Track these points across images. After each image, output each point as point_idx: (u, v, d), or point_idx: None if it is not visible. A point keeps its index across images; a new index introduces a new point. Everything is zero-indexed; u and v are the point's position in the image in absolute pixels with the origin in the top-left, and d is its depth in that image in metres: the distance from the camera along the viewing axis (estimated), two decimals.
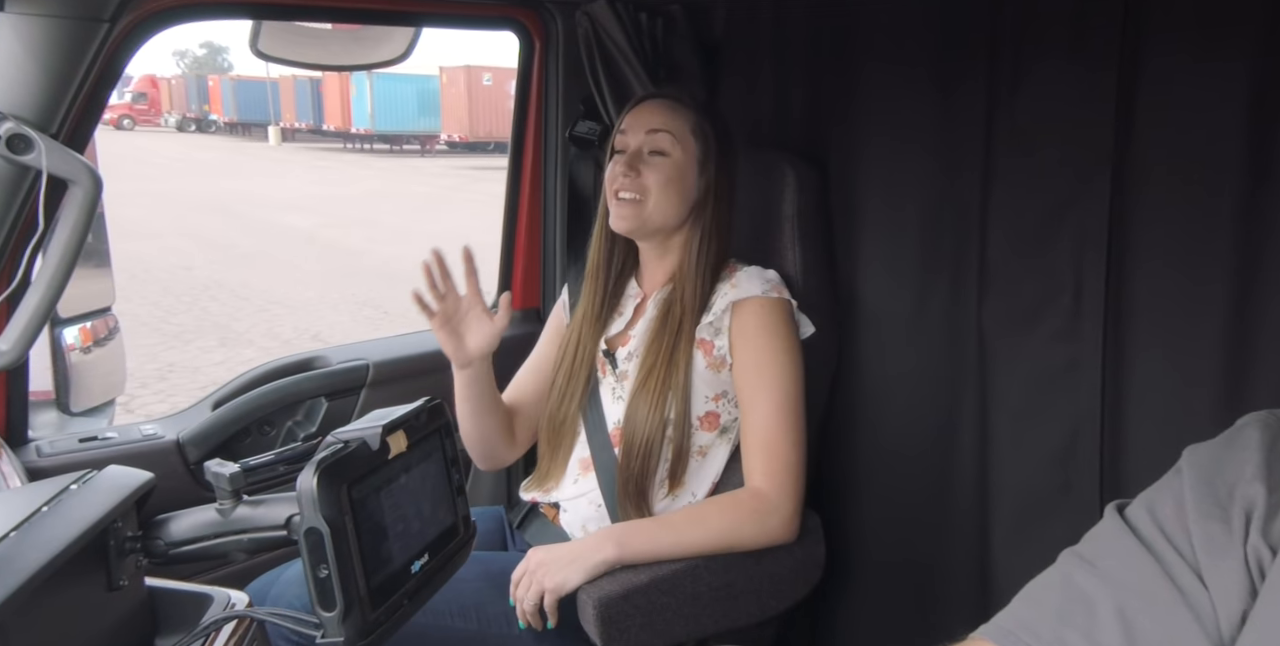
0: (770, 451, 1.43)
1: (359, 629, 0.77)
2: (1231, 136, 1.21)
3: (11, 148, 1.22)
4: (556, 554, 1.37)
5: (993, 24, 1.45)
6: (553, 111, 2.01)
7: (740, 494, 1.43)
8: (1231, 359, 1.24)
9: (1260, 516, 0.54)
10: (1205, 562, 0.55)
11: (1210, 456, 0.60)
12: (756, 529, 1.42)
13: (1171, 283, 1.30)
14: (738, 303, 1.46)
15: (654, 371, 1.47)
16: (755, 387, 1.45)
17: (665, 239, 1.53)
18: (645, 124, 1.49)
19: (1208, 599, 0.54)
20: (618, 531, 1.40)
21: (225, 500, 0.87)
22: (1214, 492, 0.57)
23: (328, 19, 1.82)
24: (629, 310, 1.59)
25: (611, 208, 1.50)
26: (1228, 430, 0.61)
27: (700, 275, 1.49)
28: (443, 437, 0.95)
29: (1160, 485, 0.60)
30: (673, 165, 1.48)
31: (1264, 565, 0.53)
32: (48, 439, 1.64)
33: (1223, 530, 0.55)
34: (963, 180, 1.52)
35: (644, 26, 1.92)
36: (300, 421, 1.90)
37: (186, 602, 0.93)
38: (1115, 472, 1.39)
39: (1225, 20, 1.20)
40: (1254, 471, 0.56)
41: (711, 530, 1.41)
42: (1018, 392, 1.49)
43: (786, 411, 1.45)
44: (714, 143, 1.51)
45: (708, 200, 1.50)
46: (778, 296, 1.47)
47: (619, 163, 1.49)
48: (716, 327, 1.47)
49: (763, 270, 1.51)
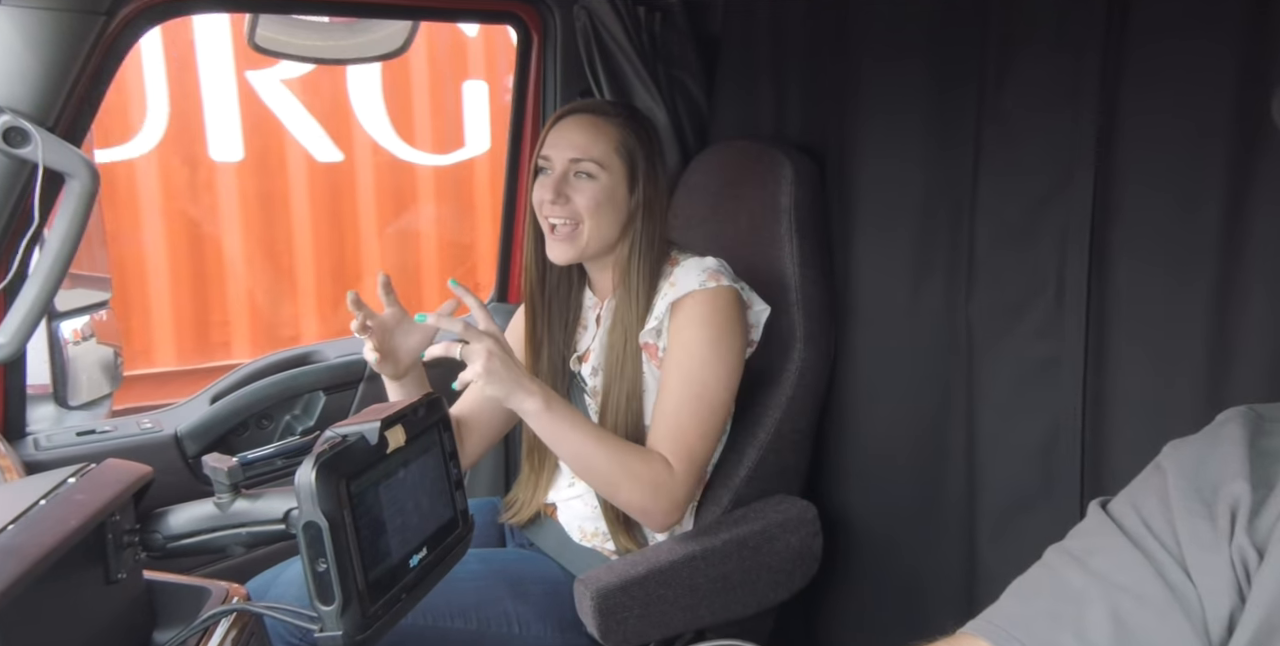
0: (678, 438, 1.39)
1: (357, 623, 0.77)
2: (1215, 134, 1.21)
3: (8, 141, 1.22)
4: (511, 370, 1.28)
5: (982, 19, 1.45)
6: (550, 105, 2.01)
7: (656, 458, 1.38)
8: (1212, 355, 1.25)
9: (1246, 513, 0.54)
10: (1192, 560, 0.55)
11: (1193, 453, 0.60)
12: (643, 496, 1.37)
13: (1153, 279, 1.30)
14: (675, 302, 1.42)
15: (612, 384, 1.45)
16: (674, 375, 1.41)
17: (604, 255, 1.48)
18: (567, 148, 1.42)
19: (1196, 596, 0.54)
20: (555, 403, 1.32)
21: (223, 494, 0.87)
22: (1199, 490, 0.57)
23: (325, 12, 1.82)
24: (591, 321, 1.56)
25: (547, 239, 1.45)
26: (1208, 426, 0.61)
27: (641, 282, 1.44)
28: (441, 432, 0.96)
29: (1142, 482, 0.60)
30: (601, 188, 1.42)
31: (1248, 563, 0.53)
32: (45, 432, 1.64)
33: (1209, 528, 0.55)
34: (952, 174, 1.52)
35: (642, 20, 1.91)
36: (299, 415, 1.90)
37: (185, 596, 0.94)
38: (1096, 468, 1.39)
39: (1209, 17, 1.20)
40: (1237, 468, 0.57)
41: (610, 468, 1.35)
42: (1001, 388, 1.50)
43: (702, 402, 1.41)
44: (641, 155, 1.45)
45: (638, 214, 1.45)
46: (715, 285, 1.42)
47: (545, 187, 1.43)
48: (658, 330, 1.44)
49: (700, 259, 1.46)
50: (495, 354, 1.26)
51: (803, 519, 1.55)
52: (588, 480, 1.41)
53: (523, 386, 1.29)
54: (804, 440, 1.65)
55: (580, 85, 1.96)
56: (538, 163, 1.46)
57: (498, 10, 1.96)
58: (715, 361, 1.41)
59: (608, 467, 1.35)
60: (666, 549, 1.43)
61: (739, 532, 1.48)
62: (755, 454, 1.55)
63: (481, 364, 1.25)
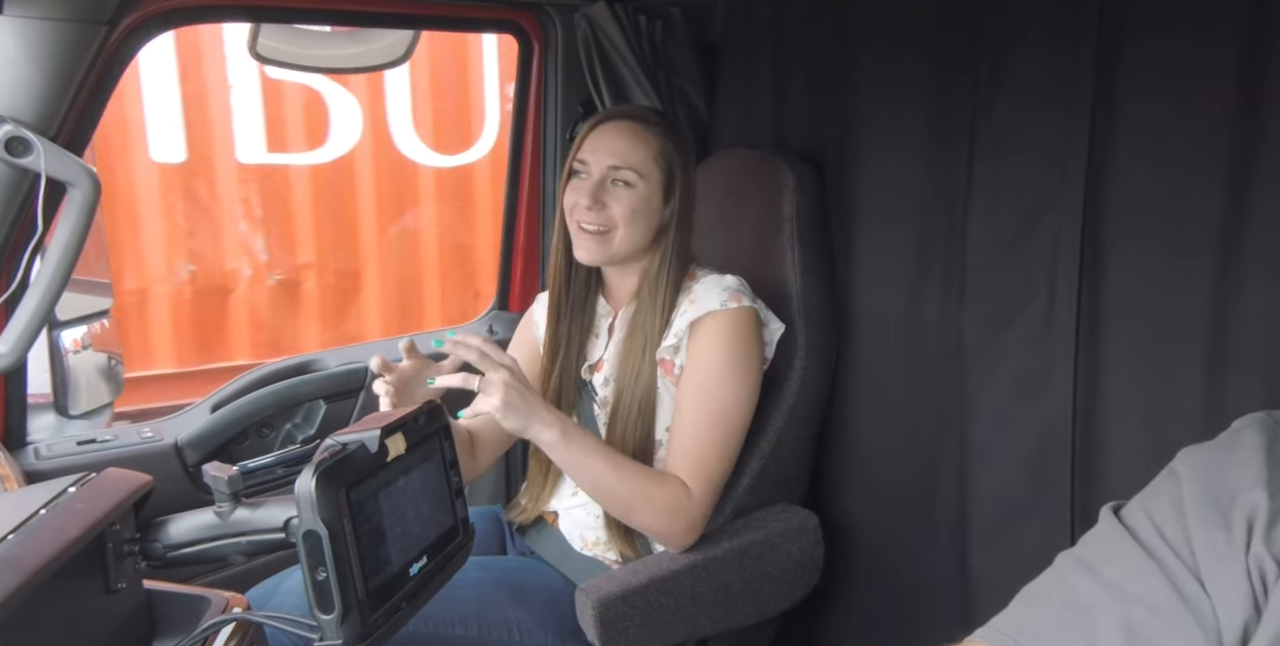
0: (695, 459, 1.39)
1: (357, 631, 0.77)
2: (1208, 141, 1.21)
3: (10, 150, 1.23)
4: (528, 402, 1.26)
5: (977, 26, 1.45)
6: (551, 114, 2.01)
7: (673, 480, 1.38)
8: (1204, 364, 1.24)
9: (1263, 524, 0.53)
10: (1207, 570, 0.54)
11: (1209, 460, 0.58)
12: (658, 519, 1.37)
13: (1145, 287, 1.30)
14: (696, 321, 1.41)
15: (623, 396, 1.45)
16: (693, 395, 1.41)
17: (631, 262, 1.48)
18: (608, 156, 1.41)
19: (1210, 607, 0.53)
20: (572, 432, 1.31)
21: (224, 502, 0.87)
22: (1215, 499, 0.56)
23: (326, 21, 1.82)
24: (603, 330, 1.55)
25: (575, 238, 1.44)
26: (1225, 432, 0.60)
27: (664, 293, 1.44)
28: (441, 440, 0.95)
29: (1155, 489, 0.59)
30: (638, 197, 1.42)
31: (1266, 574, 0.52)
32: (46, 441, 1.64)
33: (1225, 538, 0.54)
34: (948, 182, 1.53)
35: (643, 29, 1.92)
36: (299, 424, 1.90)
37: (185, 605, 0.93)
38: (1086, 478, 1.39)
39: (1203, 22, 1.20)
40: (1255, 477, 0.55)
41: (627, 494, 1.35)
42: (993, 396, 1.50)
43: (720, 423, 1.41)
44: (678, 166, 1.45)
45: (671, 224, 1.45)
46: (736, 306, 1.41)
47: (581, 192, 1.42)
48: (676, 348, 1.44)
49: (720, 278, 1.45)
50: (512, 386, 1.25)
51: (804, 528, 1.54)
52: (604, 504, 1.40)
53: (540, 417, 1.28)
54: (805, 449, 1.65)
55: (581, 94, 1.97)
56: (572, 166, 1.45)
57: (499, 19, 1.96)
58: (734, 382, 1.41)
59: (625, 493, 1.35)
60: (668, 558, 1.43)
61: (740, 541, 1.48)
62: (757, 463, 1.55)
63: (500, 397, 1.24)
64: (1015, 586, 0.68)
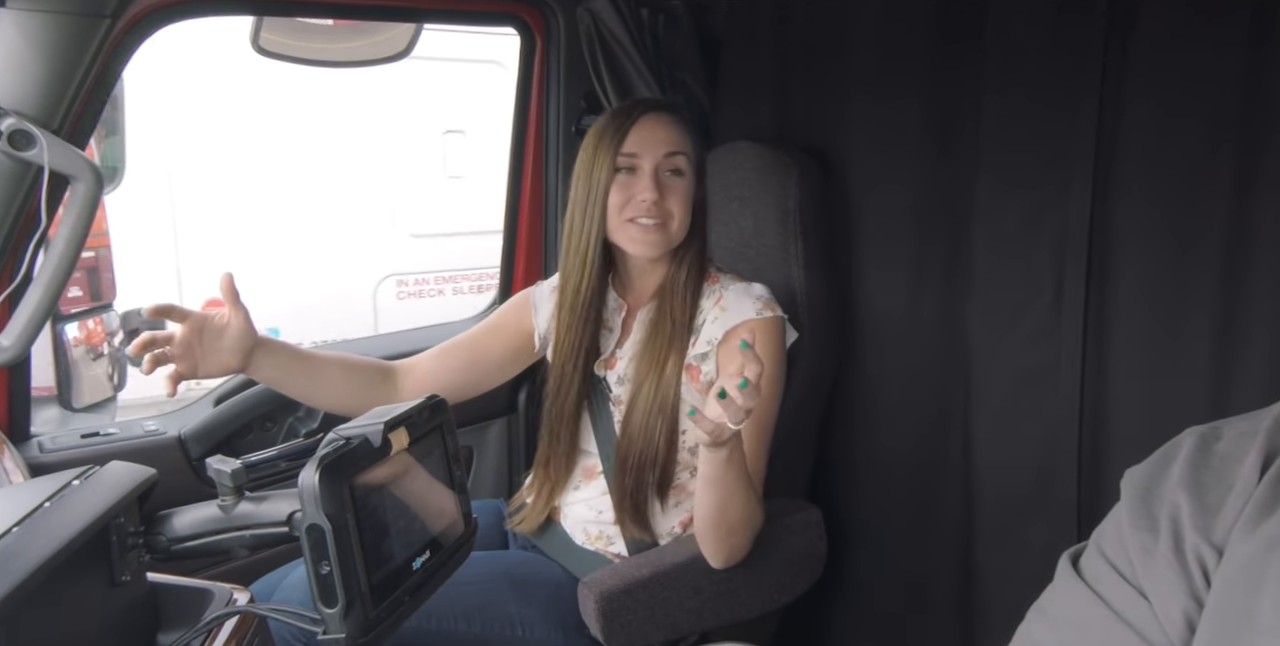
0: (750, 472, 1.38)
1: (360, 625, 0.77)
2: (1214, 140, 1.21)
3: (13, 143, 1.23)
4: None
5: (981, 23, 1.45)
6: (554, 107, 2.01)
7: (760, 503, 1.39)
8: (1210, 361, 1.24)
9: (1188, 519, 0.55)
10: (1141, 571, 0.56)
11: (1144, 473, 0.61)
12: (748, 541, 1.40)
13: (1152, 284, 1.30)
14: (731, 330, 1.40)
15: (641, 395, 1.44)
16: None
17: (663, 257, 1.47)
18: (660, 145, 1.40)
19: (1151, 613, 0.55)
20: (736, 449, 1.28)
21: (227, 496, 0.87)
22: (1145, 503, 0.58)
23: (329, 15, 1.82)
24: (616, 324, 1.52)
25: (630, 233, 1.41)
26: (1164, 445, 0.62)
27: (687, 288, 1.44)
28: (444, 434, 0.95)
29: (1107, 517, 0.61)
30: (688, 185, 1.42)
31: (1205, 564, 0.53)
32: (50, 435, 1.64)
33: (1152, 539, 0.56)
34: (953, 178, 1.52)
35: (645, 22, 1.92)
36: (302, 417, 1.90)
37: (188, 598, 0.94)
38: (1094, 474, 1.39)
39: (1209, 22, 1.20)
40: (1176, 479, 0.58)
41: (742, 516, 1.35)
42: (999, 392, 1.49)
43: (763, 432, 1.42)
44: (700, 152, 1.46)
45: (699, 213, 1.46)
46: (771, 315, 1.41)
47: (639, 186, 1.39)
48: (705, 355, 1.43)
49: (749, 286, 1.44)
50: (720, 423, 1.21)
51: (807, 522, 1.54)
52: (712, 523, 1.35)
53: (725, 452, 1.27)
54: (809, 443, 1.65)
55: (584, 87, 1.96)
56: (617, 161, 1.41)
57: (501, 12, 1.96)
58: (771, 392, 1.41)
59: (740, 515, 1.34)
60: (670, 551, 1.43)
61: None
62: None
63: (729, 433, 1.21)
64: (1018, 583, 0.68)
